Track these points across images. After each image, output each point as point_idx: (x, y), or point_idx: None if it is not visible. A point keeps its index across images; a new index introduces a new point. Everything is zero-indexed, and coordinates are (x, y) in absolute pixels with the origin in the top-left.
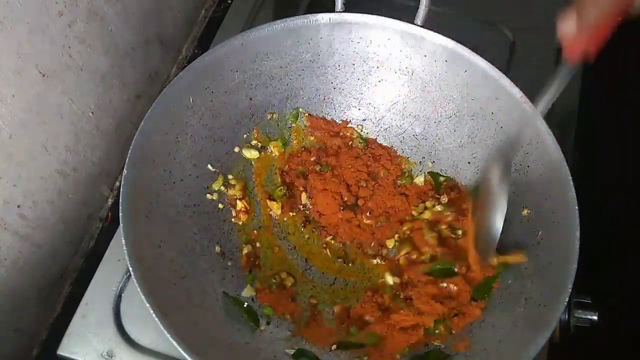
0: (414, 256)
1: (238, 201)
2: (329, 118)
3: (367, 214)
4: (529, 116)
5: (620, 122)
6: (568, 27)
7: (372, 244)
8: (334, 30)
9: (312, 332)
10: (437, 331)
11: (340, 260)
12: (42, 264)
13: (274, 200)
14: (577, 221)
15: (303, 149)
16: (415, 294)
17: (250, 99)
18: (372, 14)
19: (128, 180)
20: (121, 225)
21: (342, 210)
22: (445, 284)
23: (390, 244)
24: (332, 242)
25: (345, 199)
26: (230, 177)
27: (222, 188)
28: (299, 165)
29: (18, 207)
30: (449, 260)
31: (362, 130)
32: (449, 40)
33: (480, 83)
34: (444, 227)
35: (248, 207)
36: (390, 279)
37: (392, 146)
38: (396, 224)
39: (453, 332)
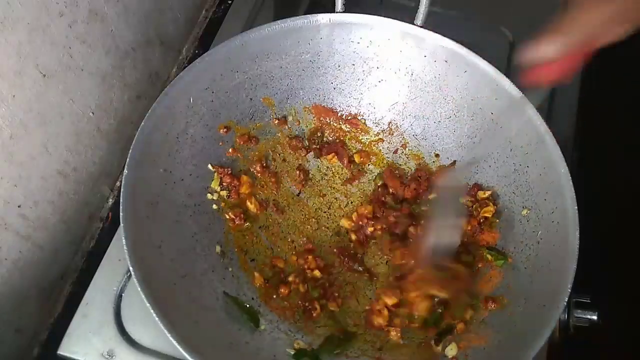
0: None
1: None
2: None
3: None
4: (528, 116)
5: (620, 122)
6: (549, 49)
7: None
8: (334, 30)
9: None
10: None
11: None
12: (43, 264)
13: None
14: (577, 221)
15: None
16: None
17: (251, 99)
18: (372, 14)
19: (128, 181)
20: (122, 225)
21: None
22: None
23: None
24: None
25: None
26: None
27: (218, 188)
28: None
29: (19, 207)
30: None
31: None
32: (448, 40)
33: (480, 83)
34: None
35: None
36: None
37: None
38: None
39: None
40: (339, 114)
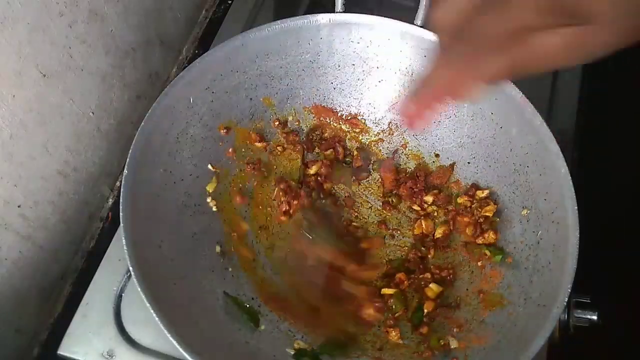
0: None
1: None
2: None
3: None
4: (529, 117)
5: (620, 122)
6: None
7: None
8: (334, 30)
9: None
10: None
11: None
12: (43, 264)
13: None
14: (577, 221)
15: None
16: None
17: (251, 99)
18: (372, 14)
19: (128, 180)
20: (121, 225)
21: None
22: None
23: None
24: None
25: None
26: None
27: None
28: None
29: (19, 207)
30: None
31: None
32: None
33: None
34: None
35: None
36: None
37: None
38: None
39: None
40: (339, 114)
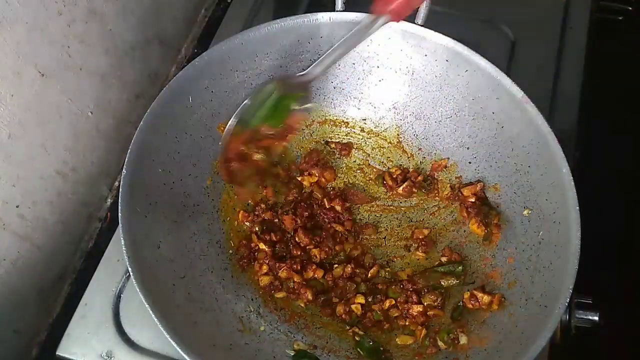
0: None
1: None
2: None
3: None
4: (530, 116)
5: (621, 122)
6: None
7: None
8: (334, 29)
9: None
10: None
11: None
12: (42, 264)
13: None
14: (578, 221)
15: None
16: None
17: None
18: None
19: (127, 180)
20: (120, 225)
21: None
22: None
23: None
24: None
25: None
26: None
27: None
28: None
29: (17, 207)
30: None
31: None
32: (449, 39)
33: (480, 83)
34: None
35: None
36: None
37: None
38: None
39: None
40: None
